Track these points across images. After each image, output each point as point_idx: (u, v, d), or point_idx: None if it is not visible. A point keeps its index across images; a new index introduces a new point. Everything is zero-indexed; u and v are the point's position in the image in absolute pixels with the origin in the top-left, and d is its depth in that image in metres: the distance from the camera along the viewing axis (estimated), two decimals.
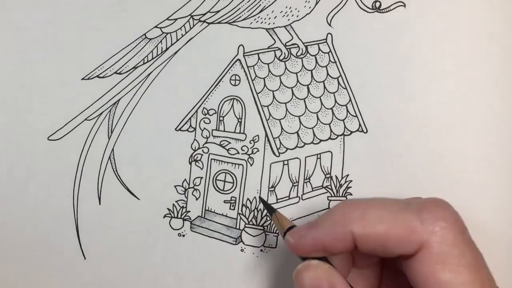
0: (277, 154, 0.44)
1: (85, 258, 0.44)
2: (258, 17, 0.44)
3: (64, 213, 0.44)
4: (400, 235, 0.31)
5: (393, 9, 0.44)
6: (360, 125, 0.44)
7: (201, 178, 0.44)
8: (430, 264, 0.30)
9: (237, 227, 0.44)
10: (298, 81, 0.44)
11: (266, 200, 0.43)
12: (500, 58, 0.43)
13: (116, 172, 0.44)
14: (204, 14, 0.44)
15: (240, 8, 0.44)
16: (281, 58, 0.44)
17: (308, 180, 0.44)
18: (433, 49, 0.43)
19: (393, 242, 0.31)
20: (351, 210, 0.32)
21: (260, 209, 0.44)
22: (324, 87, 0.44)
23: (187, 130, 0.44)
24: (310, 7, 0.44)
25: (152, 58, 0.44)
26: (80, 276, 0.43)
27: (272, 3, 0.44)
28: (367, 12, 0.44)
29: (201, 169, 0.44)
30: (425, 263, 0.31)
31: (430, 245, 0.31)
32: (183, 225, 0.44)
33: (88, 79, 0.44)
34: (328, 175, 0.44)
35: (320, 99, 0.44)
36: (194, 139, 0.44)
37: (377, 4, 0.43)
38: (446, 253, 0.30)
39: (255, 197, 0.44)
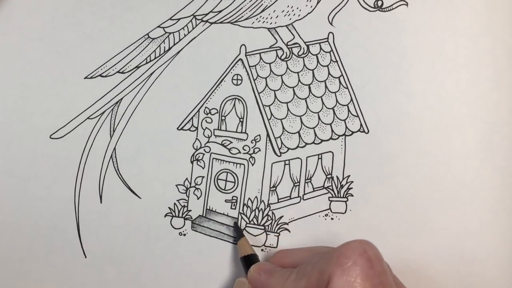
0: (279, 154, 0.44)
1: (86, 257, 0.44)
2: (260, 16, 0.44)
3: (66, 211, 0.44)
4: (315, 281, 0.33)
5: (395, 8, 0.43)
6: (361, 125, 0.44)
7: (203, 177, 0.44)
8: None
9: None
10: (299, 80, 0.44)
11: (238, 225, 0.44)
12: (502, 58, 0.43)
13: (117, 171, 0.44)
14: (206, 14, 0.44)
15: (242, 7, 0.44)
16: (282, 57, 0.44)
17: (309, 180, 0.44)
18: (435, 48, 0.43)
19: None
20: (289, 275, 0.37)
21: (261, 209, 0.44)
22: (326, 86, 0.44)
23: (189, 129, 0.44)
24: (311, 6, 0.44)
25: (155, 58, 0.45)
26: (81, 274, 0.44)
27: (274, 2, 0.44)
28: (369, 11, 0.43)
29: (203, 168, 0.44)
30: None
31: (331, 279, 0.32)
32: (184, 224, 0.44)
33: (91, 78, 0.45)
34: (329, 176, 0.44)
35: (322, 99, 0.44)
36: (196, 139, 0.44)
37: (379, 3, 0.43)
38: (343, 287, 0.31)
39: (256, 197, 0.44)
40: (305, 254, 0.40)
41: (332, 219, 0.44)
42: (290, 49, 0.44)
